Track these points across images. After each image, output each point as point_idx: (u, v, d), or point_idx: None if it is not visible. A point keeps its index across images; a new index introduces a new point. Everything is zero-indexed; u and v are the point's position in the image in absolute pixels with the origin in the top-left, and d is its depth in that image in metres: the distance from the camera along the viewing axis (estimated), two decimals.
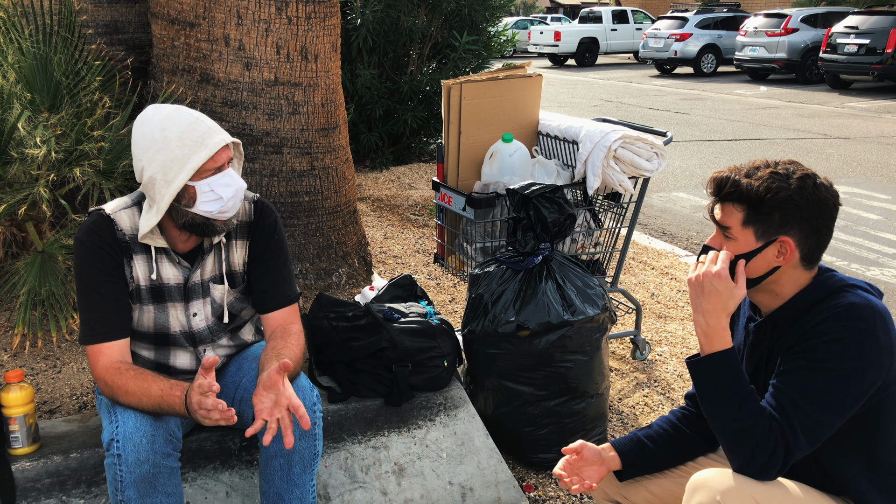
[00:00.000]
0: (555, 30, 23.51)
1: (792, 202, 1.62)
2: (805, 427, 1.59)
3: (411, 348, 2.52)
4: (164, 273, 2.03)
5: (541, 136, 3.41)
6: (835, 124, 11.21)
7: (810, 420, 1.59)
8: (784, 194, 1.61)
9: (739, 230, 1.68)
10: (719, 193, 1.70)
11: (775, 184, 1.62)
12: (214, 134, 1.92)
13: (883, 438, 1.68)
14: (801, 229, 1.64)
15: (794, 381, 1.63)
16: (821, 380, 1.59)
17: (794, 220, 1.63)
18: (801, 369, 1.62)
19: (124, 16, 3.46)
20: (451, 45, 6.99)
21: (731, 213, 1.68)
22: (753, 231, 1.66)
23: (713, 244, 1.75)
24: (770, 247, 1.66)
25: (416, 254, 4.87)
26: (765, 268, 1.69)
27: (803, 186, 1.62)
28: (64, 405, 2.52)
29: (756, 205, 1.63)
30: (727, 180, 1.67)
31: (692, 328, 3.94)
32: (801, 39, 16.92)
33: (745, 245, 1.68)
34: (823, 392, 1.59)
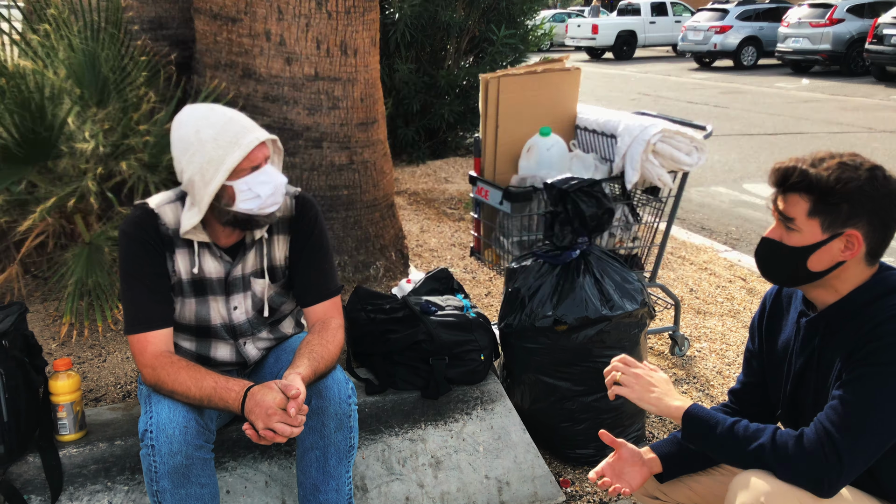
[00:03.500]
0: (592, 23, 23.29)
1: (862, 192, 1.55)
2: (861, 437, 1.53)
3: (448, 341, 2.53)
4: (206, 267, 2.06)
5: (578, 129, 3.39)
6: (880, 118, 10.95)
7: (871, 430, 1.53)
8: (855, 184, 1.55)
9: (804, 221, 1.61)
10: (784, 183, 1.63)
11: (845, 174, 1.56)
12: (248, 133, 1.94)
13: None
14: (870, 222, 1.58)
15: (853, 390, 1.56)
16: (880, 386, 1.53)
17: (863, 213, 1.57)
18: (863, 376, 1.56)
19: (168, 12, 3.52)
20: (489, 38, 6.97)
21: (797, 204, 1.61)
22: (819, 222, 1.60)
23: (773, 236, 1.68)
24: (836, 240, 1.60)
25: (451, 247, 4.88)
26: (829, 262, 1.63)
27: (874, 177, 1.56)
28: (109, 393, 2.58)
29: (825, 195, 1.57)
30: (794, 170, 1.61)
31: (732, 324, 3.89)
32: (847, 30, 16.52)
33: (810, 237, 1.61)
34: (881, 399, 1.53)
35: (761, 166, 7.95)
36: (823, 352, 1.71)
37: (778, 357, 1.89)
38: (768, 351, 1.93)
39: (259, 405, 1.80)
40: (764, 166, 7.94)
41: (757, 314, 1.99)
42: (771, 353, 1.92)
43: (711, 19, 19.61)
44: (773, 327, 1.92)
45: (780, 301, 1.92)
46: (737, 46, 19.15)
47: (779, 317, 1.91)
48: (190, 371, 1.89)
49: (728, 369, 3.45)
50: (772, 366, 1.91)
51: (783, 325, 1.89)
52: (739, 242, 5.48)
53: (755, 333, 1.99)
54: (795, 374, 1.81)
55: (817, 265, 1.64)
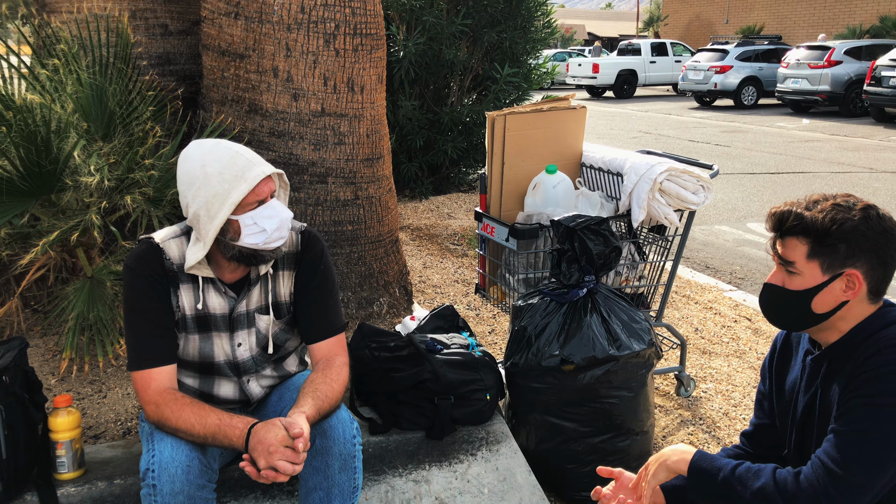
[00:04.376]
0: (593, 62, 23.56)
1: (858, 232, 1.58)
2: (858, 469, 1.53)
3: (454, 381, 2.49)
4: (210, 303, 2.04)
5: (584, 167, 3.39)
6: (880, 158, 11.00)
7: (866, 461, 1.53)
8: (850, 225, 1.58)
9: (804, 264, 1.64)
10: (781, 228, 1.66)
11: (840, 215, 1.58)
12: (254, 167, 1.93)
13: None
14: (869, 260, 1.60)
15: (850, 421, 1.58)
16: (876, 416, 1.54)
17: (861, 252, 1.59)
18: (856, 408, 1.57)
19: (176, 48, 3.55)
20: (492, 76, 7.03)
21: (795, 247, 1.64)
22: (819, 264, 1.62)
23: (775, 281, 1.71)
24: (837, 280, 1.62)
25: (455, 283, 4.86)
26: (832, 303, 1.64)
27: (868, 217, 1.58)
28: (108, 430, 2.54)
29: (821, 237, 1.60)
30: (789, 214, 1.64)
31: (738, 365, 3.85)
32: (845, 72, 16.71)
33: (811, 279, 1.64)
34: (879, 429, 1.53)
35: (764, 205, 7.96)
36: (826, 389, 1.72)
37: (786, 397, 1.88)
38: (777, 392, 1.92)
39: (262, 442, 1.76)
40: (767, 205, 7.95)
41: (767, 356, 1.99)
42: (780, 393, 1.91)
43: (712, 59, 19.83)
44: (782, 368, 1.92)
45: (790, 342, 1.93)
46: (737, 86, 19.34)
47: (787, 357, 1.92)
48: (194, 408, 1.86)
49: (734, 411, 3.40)
50: (781, 407, 1.91)
51: (791, 366, 1.89)
52: (744, 282, 5.45)
53: (766, 375, 1.98)
54: (801, 413, 1.81)
55: (821, 307, 1.66)
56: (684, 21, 30.34)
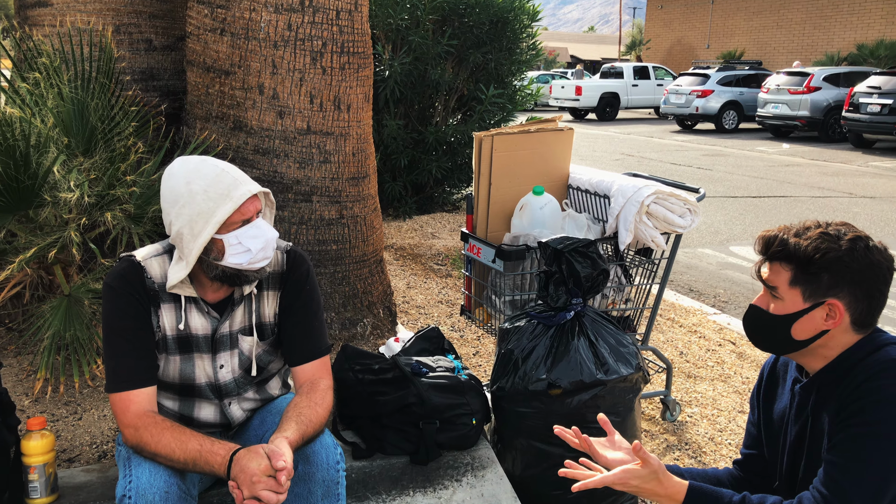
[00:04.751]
0: (576, 84, 23.75)
1: (841, 263, 1.57)
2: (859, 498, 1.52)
3: (439, 405, 2.45)
4: (193, 323, 1.99)
5: (571, 189, 3.38)
6: (859, 183, 11.14)
7: (861, 490, 1.52)
8: (833, 255, 1.57)
9: (786, 290, 1.63)
10: (767, 252, 1.66)
11: (824, 244, 1.57)
12: (240, 185, 1.89)
13: None
14: (852, 292, 1.59)
15: (842, 451, 1.57)
16: (867, 445, 1.53)
17: (844, 283, 1.58)
18: (848, 438, 1.56)
19: (160, 63, 3.51)
20: (477, 97, 7.04)
21: (779, 273, 1.64)
22: (801, 291, 1.62)
23: (760, 304, 1.71)
24: (818, 309, 1.61)
25: (439, 304, 4.82)
26: (812, 331, 1.64)
27: (854, 248, 1.57)
28: (83, 454, 2.46)
29: (804, 265, 1.59)
30: (775, 239, 1.64)
31: (723, 389, 3.84)
32: (824, 98, 16.95)
33: (792, 305, 1.63)
34: (873, 457, 1.52)
35: (747, 228, 8.01)
36: (816, 417, 1.71)
37: (775, 427, 1.87)
38: (766, 421, 1.91)
39: (244, 471, 1.71)
40: (750, 229, 8.00)
41: (755, 385, 1.98)
42: (769, 422, 1.90)
43: (693, 83, 20.05)
44: (770, 397, 1.91)
45: (776, 371, 1.92)
46: (718, 110, 19.56)
47: (775, 386, 1.91)
48: (174, 432, 1.80)
49: (720, 436, 3.38)
50: (770, 436, 1.89)
51: (779, 394, 1.88)
52: (728, 305, 5.46)
53: (754, 404, 1.98)
54: (792, 443, 1.79)
55: (801, 334, 1.66)
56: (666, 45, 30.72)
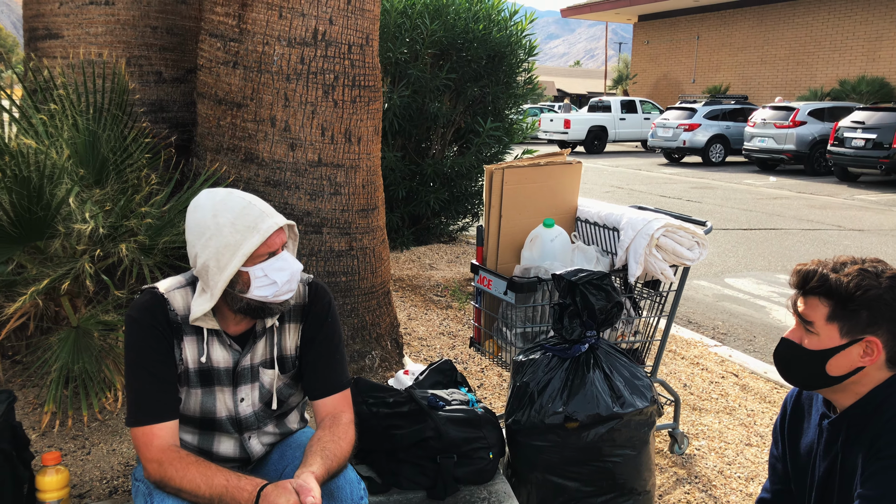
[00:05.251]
0: (565, 118, 24.00)
1: (882, 301, 1.57)
2: None
3: (457, 439, 2.43)
4: (214, 356, 1.98)
5: (579, 222, 3.40)
6: (847, 216, 11.27)
7: None
8: (875, 293, 1.57)
9: (823, 325, 1.63)
10: (804, 287, 1.65)
11: (865, 281, 1.57)
12: (267, 218, 1.89)
13: None
14: (890, 330, 1.59)
15: (875, 485, 1.56)
16: None
17: (883, 321, 1.58)
18: (882, 469, 1.56)
19: (170, 95, 3.52)
20: (475, 129, 7.10)
21: (816, 308, 1.63)
22: (838, 328, 1.61)
23: (793, 337, 1.70)
24: (855, 345, 1.61)
25: (441, 336, 4.80)
26: (847, 367, 1.63)
27: (894, 286, 1.58)
28: (94, 489, 2.42)
29: (844, 301, 1.59)
30: (814, 273, 1.63)
31: (728, 422, 3.83)
32: (809, 132, 17.22)
33: (828, 341, 1.63)
34: None
35: (740, 261, 8.07)
36: (847, 454, 1.69)
37: (802, 461, 1.85)
38: (792, 455, 1.89)
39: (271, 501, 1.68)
40: (743, 261, 8.06)
41: (779, 418, 1.97)
42: (795, 457, 1.88)
43: (680, 117, 20.32)
44: (796, 431, 1.89)
45: (801, 404, 1.91)
46: (705, 143, 19.81)
47: (800, 420, 1.89)
48: (200, 467, 1.78)
49: (729, 469, 3.37)
50: (796, 471, 1.87)
51: (805, 429, 1.86)
52: (727, 337, 5.48)
53: (778, 438, 1.96)
54: (820, 479, 1.78)
55: (836, 370, 1.65)
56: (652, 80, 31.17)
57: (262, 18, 3.00)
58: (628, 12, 30.52)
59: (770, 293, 6.76)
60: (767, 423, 3.82)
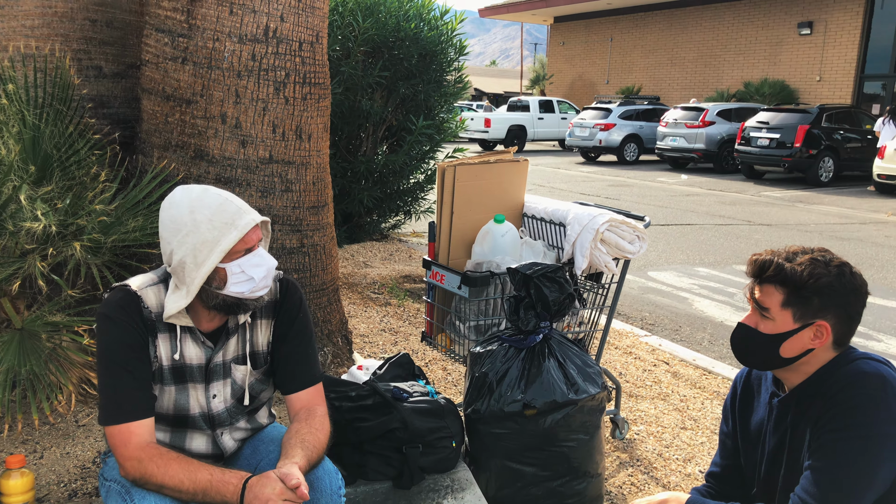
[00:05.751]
0: (485, 116, 24.30)
1: (832, 288, 1.72)
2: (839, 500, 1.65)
3: (422, 429, 2.49)
4: (187, 353, 1.98)
5: (526, 217, 3.51)
6: (755, 212, 11.87)
7: (840, 492, 1.65)
8: (825, 280, 1.71)
9: (778, 311, 1.76)
10: (761, 275, 1.78)
11: (817, 269, 1.72)
12: (244, 214, 1.91)
13: None
14: (837, 314, 1.74)
15: (821, 457, 1.69)
16: (846, 449, 1.66)
17: (832, 305, 1.73)
18: (825, 444, 1.69)
19: (111, 91, 3.44)
20: (407, 127, 7.15)
21: (772, 295, 1.77)
22: (792, 313, 1.75)
23: (749, 322, 1.83)
24: (806, 329, 1.75)
25: (382, 332, 4.84)
26: (799, 349, 1.77)
27: (842, 274, 1.73)
28: (52, 493, 2.36)
29: (798, 288, 1.73)
30: (770, 263, 1.76)
31: (664, 407, 4.03)
32: (718, 132, 18.02)
33: (783, 325, 1.77)
34: (850, 461, 1.65)
35: (661, 255, 8.41)
36: (795, 429, 1.83)
37: (752, 437, 1.98)
38: (742, 431, 2.02)
39: (258, 498, 1.71)
40: (664, 255, 8.40)
41: (729, 397, 2.10)
42: (745, 433, 2.01)
43: (596, 117, 20.89)
44: (746, 409, 2.03)
45: (751, 383, 2.04)
46: (620, 143, 20.44)
47: (750, 398, 2.02)
48: (181, 463, 1.78)
49: (667, 451, 3.55)
50: (746, 446, 2.01)
51: (755, 406, 2.00)
52: (655, 327, 5.72)
53: (728, 415, 2.09)
54: (770, 453, 1.91)
55: (789, 352, 1.78)
56: (568, 80, 31.90)
57: (213, 14, 2.98)
58: (544, 13, 31.12)
59: (691, 285, 7.09)
60: (699, 408, 4.03)
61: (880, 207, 12.70)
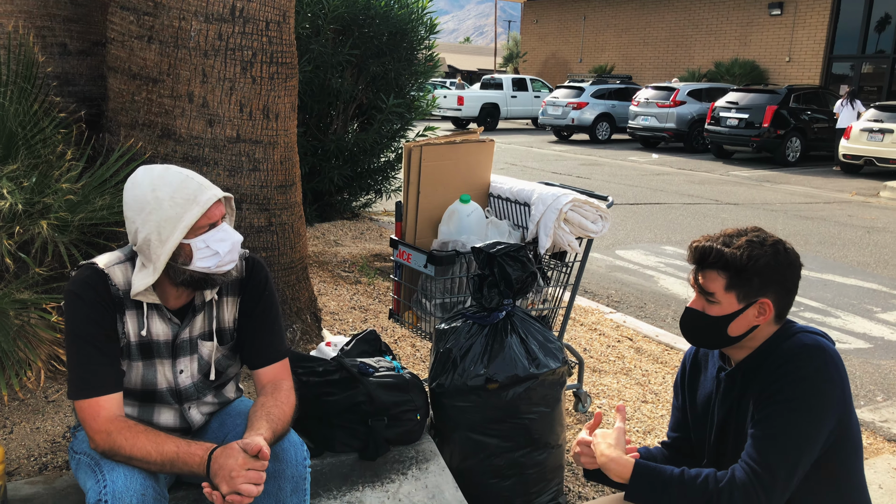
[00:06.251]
0: (458, 94, 24.26)
1: (770, 267, 1.81)
2: (778, 467, 1.75)
3: (387, 402, 2.56)
4: (154, 329, 2.02)
5: (492, 197, 3.57)
6: (723, 191, 12.07)
7: (782, 458, 1.75)
8: (763, 261, 1.81)
9: (723, 295, 1.85)
10: (702, 262, 1.87)
11: (755, 251, 1.81)
12: (206, 190, 1.95)
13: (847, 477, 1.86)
14: (777, 291, 1.84)
15: (765, 426, 1.79)
16: (785, 419, 1.76)
17: (772, 283, 1.83)
18: (770, 414, 1.80)
19: (76, 68, 3.43)
20: (377, 106, 7.16)
21: (715, 280, 1.86)
22: (735, 295, 1.84)
23: (696, 306, 1.92)
24: (750, 308, 1.84)
25: (352, 310, 4.90)
26: (745, 327, 1.87)
27: (777, 252, 1.82)
28: (22, 466, 2.40)
29: (739, 272, 1.82)
30: (710, 250, 1.85)
31: (626, 382, 4.14)
32: (689, 111, 18.20)
33: (729, 308, 1.86)
34: (790, 430, 1.76)
35: (629, 234, 8.54)
36: (741, 401, 1.93)
37: (700, 410, 2.09)
38: (691, 405, 2.13)
39: (223, 468, 1.77)
40: (632, 234, 8.53)
41: (678, 373, 2.20)
42: (693, 407, 2.12)
43: (569, 96, 20.97)
44: (694, 384, 2.13)
45: (699, 360, 2.14)
46: (592, 122, 20.55)
47: (698, 374, 2.13)
48: (149, 436, 1.83)
49: (628, 424, 3.66)
50: (696, 419, 2.11)
51: (703, 381, 2.10)
52: (620, 304, 5.84)
53: (678, 391, 2.19)
54: (718, 424, 2.01)
55: (736, 331, 1.89)
56: (541, 58, 31.90)
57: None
58: None
59: (657, 263, 7.22)
60: (661, 382, 4.15)
61: (845, 187, 12.97)
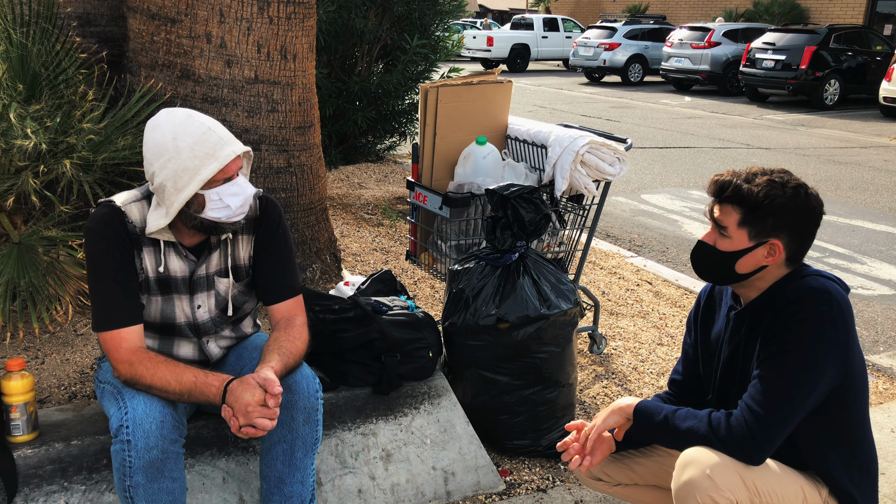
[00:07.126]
0: (488, 35, 23.84)
1: (785, 209, 1.81)
2: (777, 408, 1.78)
3: (399, 339, 2.64)
4: (171, 266, 2.09)
5: (509, 139, 3.57)
6: (755, 135, 11.83)
7: (781, 400, 1.78)
8: (780, 201, 1.81)
9: (735, 230, 1.87)
10: (720, 195, 1.88)
11: (773, 191, 1.81)
12: (226, 146, 1.98)
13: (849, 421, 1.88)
14: (790, 234, 1.84)
15: (768, 367, 1.82)
16: (788, 361, 1.79)
17: (785, 225, 1.83)
18: (773, 355, 1.82)
19: (97, 8, 3.45)
20: (401, 47, 7.10)
21: (729, 214, 1.87)
22: (747, 232, 1.86)
23: (708, 240, 1.94)
24: (761, 247, 1.86)
25: (374, 252, 4.97)
26: (753, 265, 1.88)
27: (797, 195, 1.82)
28: (53, 395, 2.53)
29: (753, 208, 1.82)
30: (729, 184, 1.86)
31: (642, 325, 4.18)
32: (724, 53, 17.72)
33: (739, 244, 1.87)
34: (791, 373, 1.78)
35: (656, 178, 8.46)
36: (748, 341, 1.96)
37: (710, 347, 2.12)
38: (702, 342, 2.16)
39: (238, 401, 1.85)
40: (658, 178, 8.45)
41: (693, 309, 2.22)
42: (705, 344, 2.15)
43: (601, 37, 20.51)
44: (707, 321, 2.16)
45: (713, 297, 2.16)
46: (624, 63, 20.12)
47: (712, 311, 2.15)
48: (169, 366, 1.92)
49: (642, 366, 3.71)
50: (705, 356, 2.14)
51: (716, 319, 2.13)
52: (642, 249, 5.84)
53: (691, 327, 2.22)
54: (724, 362, 2.05)
55: (744, 268, 1.90)
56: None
57: None
58: None
59: (683, 208, 7.17)
60: (677, 325, 4.18)
61: (884, 131, 12.63)
